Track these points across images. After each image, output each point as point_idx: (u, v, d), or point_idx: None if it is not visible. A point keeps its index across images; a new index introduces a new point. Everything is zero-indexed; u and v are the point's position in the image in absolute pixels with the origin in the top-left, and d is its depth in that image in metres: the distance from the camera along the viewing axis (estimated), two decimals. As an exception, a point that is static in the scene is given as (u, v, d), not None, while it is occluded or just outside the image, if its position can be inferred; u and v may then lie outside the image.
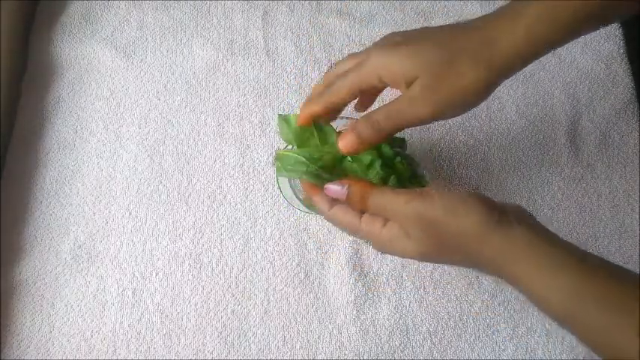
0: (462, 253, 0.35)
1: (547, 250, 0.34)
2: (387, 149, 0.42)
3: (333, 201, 0.39)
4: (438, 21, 0.63)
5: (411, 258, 0.37)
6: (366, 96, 0.45)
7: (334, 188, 0.38)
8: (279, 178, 0.52)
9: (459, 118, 0.58)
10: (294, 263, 0.53)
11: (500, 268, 0.35)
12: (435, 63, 0.36)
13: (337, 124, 0.44)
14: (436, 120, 0.37)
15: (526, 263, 0.33)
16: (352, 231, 0.39)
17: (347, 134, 0.38)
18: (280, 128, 0.43)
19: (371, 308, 0.52)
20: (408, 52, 0.36)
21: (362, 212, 0.39)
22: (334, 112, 0.41)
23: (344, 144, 0.38)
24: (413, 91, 0.36)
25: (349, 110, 0.45)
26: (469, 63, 0.35)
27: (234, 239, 0.54)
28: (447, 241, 0.35)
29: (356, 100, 0.46)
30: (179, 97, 0.60)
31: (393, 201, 0.36)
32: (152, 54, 0.62)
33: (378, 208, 0.37)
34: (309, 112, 0.40)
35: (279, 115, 0.43)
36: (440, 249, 0.36)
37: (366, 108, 0.47)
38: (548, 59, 0.61)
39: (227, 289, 0.52)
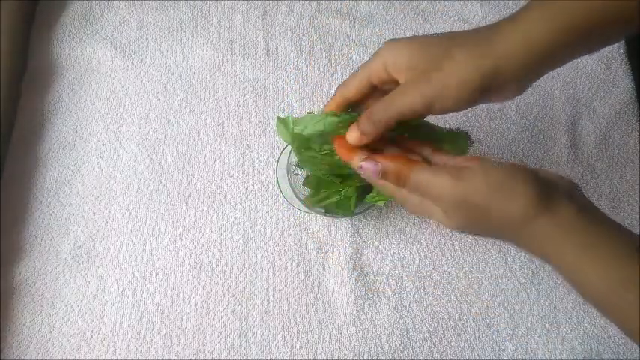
0: (501, 231, 0.35)
1: (591, 235, 0.33)
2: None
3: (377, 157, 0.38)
4: (437, 21, 0.63)
5: (449, 228, 0.37)
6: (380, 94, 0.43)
7: (367, 166, 0.38)
8: (279, 178, 0.52)
9: (458, 118, 0.58)
10: (294, 263, 0.53)
11: (539, 249, 0.34)
12: (433, 54, 0.35)
13: None
14: (428, 111, 0.36)
15: (568, 247, 0.32)
16: (392, 192, 0.38)
17: (351, 129, 0.39)
18: (279, 131, 0.43)
19: (371, 308, 0.52)
20: (414, 44, 0.37)
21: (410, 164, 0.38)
22: (350, 105, 0.41)
23: (349, 138, 0.39)
24: (407, 79, 0.36)
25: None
26: (463, 56, 0.35)
27: (234, 239, 0.54)
28: (488, 222, 0.34)
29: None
30: (179, 97, 0.60)
31: (435, 184, 0.35)
32: (152, 54, 0.62)
33: (417, 190, 0.36)
34: (331, 106, 0.41)
35: (278, 117, 0.43)
36: (478, 227, 0.35)
37: None
38: (548, 59, 0.61)
39: (227, 289, 0.52)
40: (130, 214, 0.55)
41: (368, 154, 0.39)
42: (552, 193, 0.33)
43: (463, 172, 0.34)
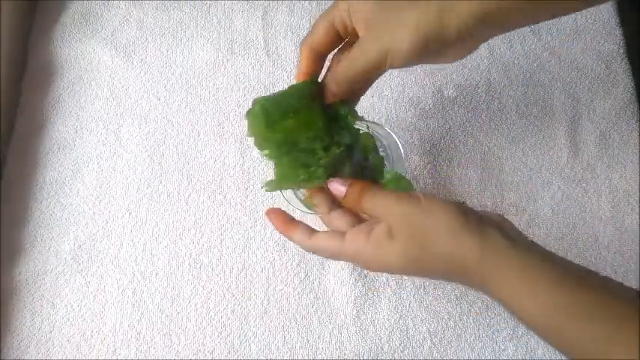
0: (441, 257, 0.35)
1: (522, 257, 0.33)
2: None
3: (313, 231, 0.40)
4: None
5: (398, 268, 0.37)
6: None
7: (336, 186, 0.40)
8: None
9: (458, 118, 0.58)
10: (294, 263, 0.53)
11: (475, 273, 0.34)
12: (388, 8, 0.37)
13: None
14: (384, 66, 0.37)
15: (498, 269, 0.33)
16: (338, 253, 0.39)
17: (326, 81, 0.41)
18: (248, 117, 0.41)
19: (371, 308, 0.52)
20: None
21: (343, 235, 0.39)
22: (321, 59, 0.41)
23: (327, 97, 0.41)
24: (365, 34, 0.38)
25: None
26: (410, 11, 0.36)
27: (234, 239, 0.54)
28: (426, 244, 0.35)
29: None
30: (179, 97, 0.60)
31: (384, 199, 0.37)
32: (152, 54, 0.62)
33: (369, 206, 0.38)
34: (302, 66, 0.41)
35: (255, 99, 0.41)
36: (421, 252, 0.36)
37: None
38: (548, 59, 0.61)
39: (227, 289, 0.52)
40: (130, 214, 0.55)
41: (308, 229, 0.40)
42: (480, 219, 0.35)
43: (409, 194, 0.37)
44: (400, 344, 0.50)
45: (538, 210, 0.55)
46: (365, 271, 0.53)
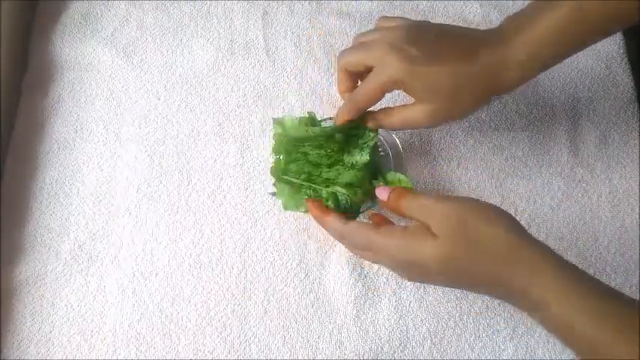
0: (487, 260, 0.35)
1: (572, 272, 0.34)
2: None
3: (347, 219, 0.41)
4: (437, 21, 0.63)
5: (431, 263, 0.36)
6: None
7: (381, 191, 0.43)
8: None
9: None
10: (294, 263, 0.53)
11: (524, 283, 0.34)
12: (444, 93, 0.41)
13: None
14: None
15: (553, 280, 0.33)
16: (368, 241, 0.39)
17: (371, 118, 0.46)
18: (275, 131, 0.46)
19: (371, 308, 0.52)
20: (427, 74, 0.41)
21: (378, 227, 0.40)
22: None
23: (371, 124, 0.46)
24: (421, 106, 0.42)
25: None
26: (470, 98, 0.42)
27: (234, 239, 0.54)
28: (474, 243, 0.35)
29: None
30: (179, 97, 0.60)
31: (424, 200, 0.38)
32: (152, 54, 0.62)
33: (409, 207, 0.39)
34: (346, 117, 0.46)
35: (274, 118, 0.46)
36: (465, 252, 0.35)
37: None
38: (548, 59, 0.61)
39: (227, 289, 0.52)
40: (130, 214, 0.55)
41: (342, 216, 0.43)
42: (528, 232, 0.36)
43: (446, 196, 0.39)
44: (400, 344, 0.50)
45: (538, 210, 0.55)
46: (365, 271, 0.53)
